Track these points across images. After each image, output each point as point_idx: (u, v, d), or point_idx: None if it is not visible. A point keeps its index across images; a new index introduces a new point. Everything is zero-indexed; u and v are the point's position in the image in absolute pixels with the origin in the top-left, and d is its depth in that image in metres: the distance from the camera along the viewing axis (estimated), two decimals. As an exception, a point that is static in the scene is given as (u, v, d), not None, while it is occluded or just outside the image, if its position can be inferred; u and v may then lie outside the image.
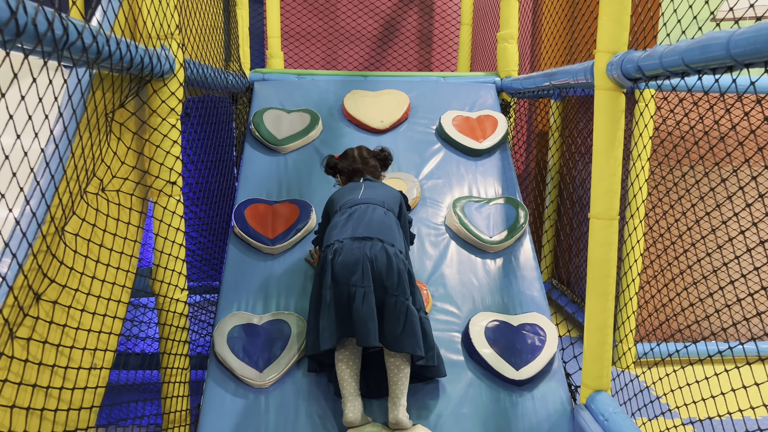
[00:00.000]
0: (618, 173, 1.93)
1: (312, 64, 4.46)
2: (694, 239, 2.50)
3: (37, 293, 1.26)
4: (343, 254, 1.91)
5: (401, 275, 1.92)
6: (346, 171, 2.32)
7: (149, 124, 1.84)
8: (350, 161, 2.31)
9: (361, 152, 2.34)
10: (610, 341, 2.02)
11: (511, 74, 3.26)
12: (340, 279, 1.90)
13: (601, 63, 1.88)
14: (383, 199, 2.12)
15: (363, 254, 1.91)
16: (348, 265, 1.90)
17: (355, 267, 1.89)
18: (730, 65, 1.30)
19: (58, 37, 1.09)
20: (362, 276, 1.89)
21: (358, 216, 2.03)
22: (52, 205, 1.30)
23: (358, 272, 1.89)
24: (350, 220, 2.02)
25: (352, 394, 1.93)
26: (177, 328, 1.99)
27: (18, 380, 1.18)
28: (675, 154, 2.86)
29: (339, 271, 1.90)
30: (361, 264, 1.90)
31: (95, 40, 1.25)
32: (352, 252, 1.91)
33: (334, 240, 1.98)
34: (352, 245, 1.93)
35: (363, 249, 1.92)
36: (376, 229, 1.98)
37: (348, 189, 2.20)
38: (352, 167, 2.30)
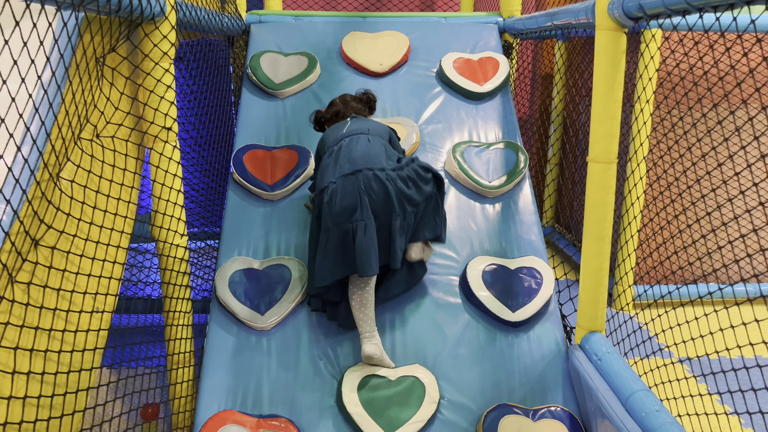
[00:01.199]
0: (617, 116, 1.91)
1: (311, 4, 4.35)
2: (692, 183, 2.49)
3: (35, 239, 1.28)
4: (339, 195, 1.94)
5: (398, 193, 1.97)
6: (331, 118, 2.33)
7: (142, 68, 1.82)
8: (333, 108, 2.34)
9: (343, 97, 2.36)
10: (605, 283, 2.04)
11: (514, 14, 3.18)
12: (340, 219, 1.94)
13: (603, 2, 1.83)
14: (368, 128, 2.15)
15: (356, 189, 1.94)
16: (344, 204, 1.93)
17: (352, 204, 1.93)
18: (732, 2, 1.26)
19: (39, -21, 1.07)
20: (361, 211, 1.93)
21: (343, 153, 2.04)
22: (45, 152, 1.30)
23: (357, 209, 1.93)
24: (337, 159, 2.04)
25: (370, 330, 2.00)
26: (178, 273, 2.02)
27: (20, 323, 1.21)
28: (677, 95, 2.81)
29: (337, 213, 1.94)
30: (358, 199, 1.93)
31: (79, -19, 1.22)
32: (345, 190, 1.94)
33: (327, 182, 1.99)
34: (344, 184, 1.95)
35: (356, 184, 1.95)
36: (361, 160, 2.00)
37: (334, 128, 2.23)
38: (334, 111, 2.32)
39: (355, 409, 1.91)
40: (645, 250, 3.02)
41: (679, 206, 2.31)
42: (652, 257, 2.86)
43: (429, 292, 2.25)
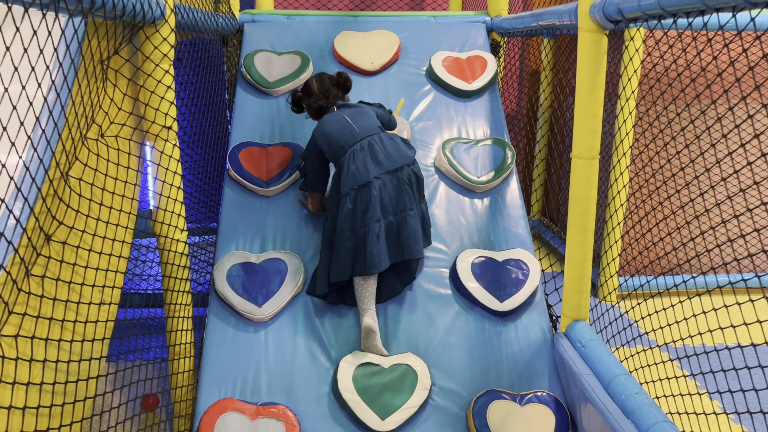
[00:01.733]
0: (599, 114, 2.00)
1: (302, 2, 4.41)
2: (676, 173, 2.59)
3: (48, 234, 1.35)
4: (362, 200, 2.10)
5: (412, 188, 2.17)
6: (313, 108, 2.39)
7: (143, 70, 1.88)
8: (314, 98, 2.37)
9: (322, 84, 2.37)
10: (588, 274, 2.14)
11: (501, 14, 3.26)
12: (359, 224, 2.10)
13: (585, 5, 1.91)
14: (374, 122, 2.26)
15: (375, 192, 2.10)
16: (366, 208, 2.10)
17: (372, 207, 2.09)
18: (702, 9, 1.35)
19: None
20: (379, 211, 2.10)
21: (363, 155, 2.15)
22: (57, 151, 1.37)
23: (374, 210, 2.09)
24: (355, 162, 2.14)
25: (370, 307, 2.14)
26: (179, 267, 2.09)
27: (36, 314, 1.28)
28: (659, 89, 2.91)
29: (359, 219, 2.10)
30: (375, 201, 2.10)
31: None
32: (367, 195, 2.10)
33: (348, 189, 2.12)
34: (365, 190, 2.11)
35: (373, 188, 2.10)
36: (387, 160, 2.15)
37: (334, 123, 2.25)
38: (317, 104, 2.36)
39: (350, 395, 2.00)
40: (627, 241, 3.12)
41: (657, 200, 2.42)
42: (632, 248, 2.96)
43: (420, 284, 2.34)
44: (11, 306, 1.20)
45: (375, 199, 2.09)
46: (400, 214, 2.13)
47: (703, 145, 2.84)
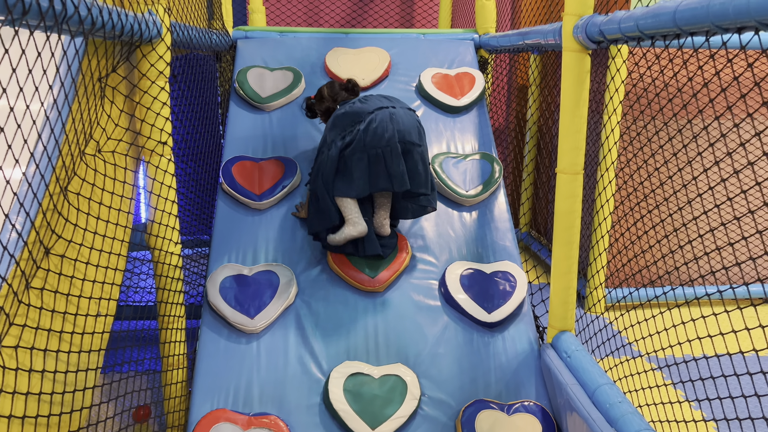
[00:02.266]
0: (583, 130, 2.06)
1: (294, 19, 4.48)
2: (660, 186, 2.66)
3: (47, 247, 1.39)
4: (374, 124, 2.22)
5: (420, 132, 2.32)
6: (323, 112, 2.55)
7: (139, 87, 1.93)
8: (325, 104, 2.54)
9: (332, 91, 2.54)
10: (574, 285, 2.19)
11: (489, 31, 3.34)
12: (373, 144, 2.20)
13: (569, 25, 1.98)
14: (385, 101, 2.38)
15: (388, 118, 2.23)
16: (378, 130, 2.21)
17: (384, 132, 2.20)
18: (677, 33, 1.42)
19: (58, 12, 1.18)
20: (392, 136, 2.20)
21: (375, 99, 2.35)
22: (57, 166, 1.41)
23: (388, 135, 2.20)
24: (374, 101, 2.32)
25: (357, 216, 2.29)
26: (172, 279, 2.13)
27: (35, 325, 1.31)
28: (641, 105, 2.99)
29: (370, 139, 2.20)
30: (390, 128, 2.21)
31: (90, 12, 1.34)
32: (379, 120, 2.22)
33: (373, 108, 2.26)
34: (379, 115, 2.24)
35: (387, 116, 2.24)
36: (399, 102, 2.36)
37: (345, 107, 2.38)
38: (325, 106, 2.53)
39: (340, 406, 2.03)
40: (612, 253, 3.19)
41: (639, 214, 2.49)
42: (617, 260, 3.03)
43: (410, 296, 2.39)
44: (12, 318, 1.23)
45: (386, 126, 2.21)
46: (408, 144, 2.24)
47: (681, 161, 2.93)
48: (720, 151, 3.00)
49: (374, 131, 2.20)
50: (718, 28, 1.25)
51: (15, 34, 1.07)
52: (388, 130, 2.20)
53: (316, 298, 2.36)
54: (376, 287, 2.35)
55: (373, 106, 2.28)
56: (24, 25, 1.11)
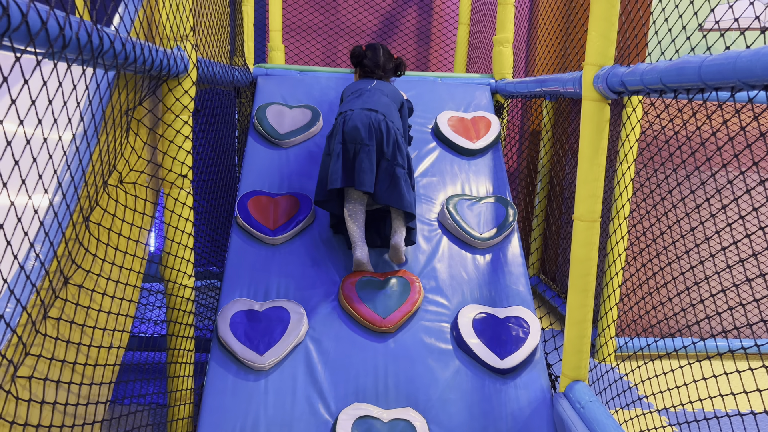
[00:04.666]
0: (601, 178, 2.07)
1: (312, 58, 4.56)
2: (674, 240, 2.64)
3: (66, 277, 1.39)
4: (353, 119, 2.37)
5: (396, 146, 2.39)
6: (366, 68, 2.69)
7: (164, 120, 1.96)
8: (372, 63, 2.68)
9: (385, 55, 2.71)
10: (588, 334, 2.17)
11: (506, 77, 3.39)
12: (349, 138, 2.35)
13: (589, 75, 2.01)
14: (388, 93, 2.57)
15: (369, 120, 2.37)
16: (357, 127, 2.35)
17: (362, 129, 2.34)
18: (701, 87, 1.43)
19: (95, 47, 1.21)
20: (368, 136, 2.35)
21: (366, 96, 2.49)
22: (81, 196, 1.42)
23: (364, 133, 2.34)
24: (360, 98, 2.48)
25: (360, 240, 2.42)
26: (184, 312, 2.11)
27: (50, 356, 1.30)
28: (659, 157, 3.00)
29: (349, 132, 2.35)
30: (367, 127, 2.35)
31: (124, 47, 1.37)
32: (361, 118, 2.37)
33: (346, 109, 2.43)
34: (361, 113, 2.39)
35: (369, 116, 2.38)
36: (380, 106, 2.44)
37: (360, 82, 2.64)
38: (371, 68, 2.68)
39: (349, 449, 1.99)
40: (626, 303, 3.16)
41: (657, 266, 2.47)
42: (633, 311, 2.99)
43: (421, 338, 2.36)
44: (29, 347, 1.22)
45: (341, 126, 2.38)
46: (385, 157, 2.36)
47: (703, 215, 2.92)
48: (746, 203, 3.00)
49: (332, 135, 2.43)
50: (744, 84, 1.26)
51: (54, 67, 1.09)
52: (338, 134, 2.39)
53: (326, 336, 2.34)
54: (387, 328, 2.33)
55: (345, 108, 2.47)
56: (62, 59, 1.13)
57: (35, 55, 1.03)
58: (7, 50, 0.96)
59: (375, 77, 2.65)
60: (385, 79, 2.68)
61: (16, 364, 1.18)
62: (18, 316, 1.17)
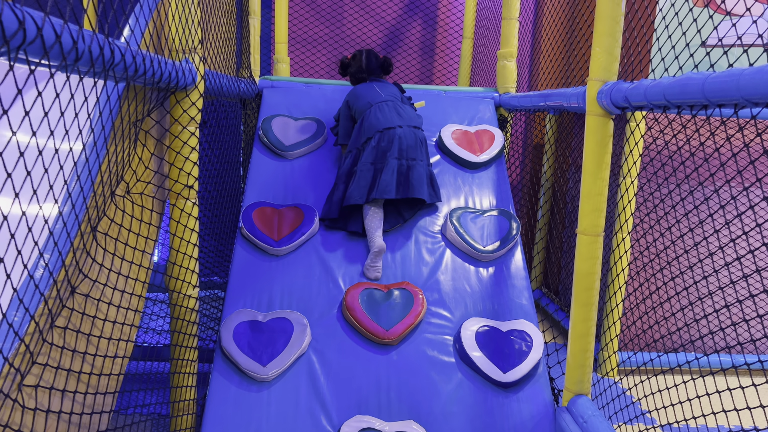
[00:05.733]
0: (604, 193, 2.08)
1: (317, 70, 4.59)
2: (677, 255, 2.65)
3: (74, 286, 1.40)
4: (406, 137, 2.65)
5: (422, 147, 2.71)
6: (354, 77, 2.96)
7: (171, 131, 1.97)
8: (358, 70, 2.95)
9: (369, 60, 2.94)
10: (591, 349, 2.16)
11: (509, 91, 3.41)
12: (403, 155, 2.63)
13: (593, 90, 2.02)
14: (397, 93, 2.85)
15: (415, 137, 2.67)
16: (410, 146, 2.65)
17: (414, 147, 2.65)
18: (705, 104, 1.44)
19: (106, 59, 1.23)
20: (419, 153, 2.66)
21: (387, 109, 2.71)
22: (89, 206, 1.43)
23: (393, 149, 2.61)
24: (382, 113, 2.70)
25: (379, 235, 2.62)
26: (188, 323, 2.12)
27: (56, 365, 1.30)
28: (662, 172, 3.01)
29: (381, 152, 2.63)
30: (396, 143, 2.62)
31: (134, 59, 1.38)
32: (410, 135, 2.66)
33: (374, 132, 2.67)
34: (409, 131, 2.67)
35: (415, 134, 2.69)
36: (416, 121, 2.75)
37: (365, 88, 2.85)
38: (359, 76, 2.95)
39: (351, 462, 1.98)
40: (629, 318, 3.15)
41: (660, 280, 2.47)
42: (636, 325, 2.99)
43: (424, 350, 2.36)
44: (35, 356, 1.23)
45: (395, 142, 2.62)
46: (411, 161, 2.64)
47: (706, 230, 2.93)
48: (749, 218, 3.01)
49: (381, 148, 2.64)
50: (747, 101, 1.27)
51: (67, 79, 1.11)
52: (392, 148, 2.61)
53: (329, 347, 2.34)
54: (390, 340, 2.33)
55: (383, 125, 2.66)
56: (74, 71, 1.14)
57: (49, 68, 1.05)
58: (21, 63, 0.98)
59: (370, 80, 2.91)
60: (379, 77, 2.94)
61: (23, 373, 1.19)
62: (26, 324, 1.18)
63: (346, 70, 3.01)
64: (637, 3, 2.93)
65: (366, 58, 2.94)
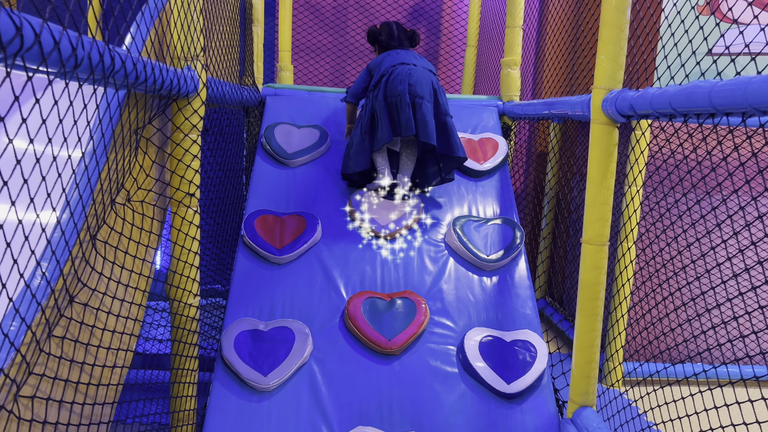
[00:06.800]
0: (609, 202, 2.05)
1: (320, 78, 4.59)
2: (683, 264, 2.62)
3: (72, 295, 1.38)
4: (416, 74, 2.64)
5: (445, 99, 2.71)
6: (383, 45, 2.96)
7: (173, 139, 1.96)
8: (387, 38, 2.96)
9: (399, 32, 2.96)
10: (596, 359, 2.13)
11: (513, 99, 3.39)
12: (412, 91, 2.59)
13: (598, 99, 2.01)
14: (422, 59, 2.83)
15: (406, 71, 2.64)
16: (420, 82, 2.62)
17: (424, 85, 2.62)
18: (712, 113, 1.42)
19: (106, 67, 1.21)
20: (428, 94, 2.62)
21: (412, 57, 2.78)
22: (89, 214, 1.41)
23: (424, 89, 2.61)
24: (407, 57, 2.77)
25: (386, 170, 2.74)
26: (189, 332, 2.10)
27: (53, 375, 1.29)
28: (669, 181, 2.98)
29: (413, 85, 2.60)
30: (427, 83, 2.63)
31: (135, 67, 1.37)
32: (421, 74, 2.65)
33: (408, 61, 2.71)
34: (420, 70, 2.68)
35: (427, 75, 2.67)
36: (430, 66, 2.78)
37: (392, 55, 2.83)
38: (388, 44, 2.95)
39: (352, 474, 1.96)
40: (635, 328, 3.12)
41: (671, 287, 2.44)
42: (642, 336, 2.96)
43: (427, 360, 2.33)
44: (32, 366, 1.21)
45: (405, 76, 2.61)
46: (419, 98, 2.59)
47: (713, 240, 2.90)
48: (756, 228, 2.98)
49: (392, 83, 2.61)
50: (756, 110, 1.25)
51: (65, 86, 1.09)
52: (402, 83, 2.59)
53: (331, 357, 2.31)
54: (392, 349, 2.31)
55: (396, 61, 2.71)
56: (74, 78, 1.13)
57: (47, 75, 1.04)
58: (19, 69, 0.96)
59: (398, 48, 2.90)
60: (405, 47, 2.94)
61: (20, 384, 1.17)
62: (23, 334, 1.16)
63: (375, 38, 3.01)
64: (643, 10, 2.92)
65: (396, 28, 2.98)
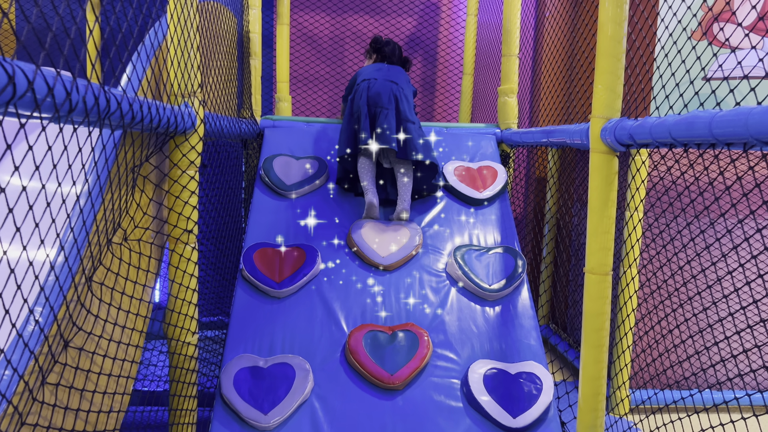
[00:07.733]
0: (611, 231, 2.03)
1: (319, 108, 4.61)
2: (688, 293, 2.59)
3: (66, 340, 1.35)
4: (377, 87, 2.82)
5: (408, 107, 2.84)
6: (384, 55, 3.15)
7: (170, 176, 1.95)
8: (387, 55, 3.15)
9: (399, 54, 3.18)
10: (603, 391, 2.09)
11: (511, 126, 3.40)
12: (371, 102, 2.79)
13: (596, 128, 2.00)
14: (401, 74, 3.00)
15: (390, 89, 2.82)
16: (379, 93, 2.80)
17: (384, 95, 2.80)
18: (713, 143, 1.41)
19: (102, 109, 1.20)
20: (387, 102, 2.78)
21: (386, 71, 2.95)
22: (84, 256, 1.39)
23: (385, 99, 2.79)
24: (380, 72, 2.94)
25: (371, 189, 2.81)
26: (187, 371, 2.06)
27: (46, 424, 1.25)
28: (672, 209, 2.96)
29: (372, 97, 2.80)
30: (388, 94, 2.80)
31: (131, 107, 1.36)
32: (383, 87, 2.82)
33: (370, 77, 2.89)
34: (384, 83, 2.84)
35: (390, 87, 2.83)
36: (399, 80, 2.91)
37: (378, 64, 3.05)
38: (388, 56, 3.14)
39: None
40: (642, 358, 3.07)
41: (677, 316, 2.40)
42: (650, 366, 2.91)
43: (430, 395, 2.29)
44: (24, 416, 1.18)
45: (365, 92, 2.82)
46: (379, 108, 2.77)
47: (705, 263, 2.87)
48: (745, 251, 2.95)
49: (356, 100, 2.82)
50: (757, 141, 1.24)
51: (60, 131, 1.08)
52: (362, 98, 2.80)
53: (332, 393, 2.27)
54: (395, 384, 2.26)
55: (365, 76, 2.91)
56: (68, 122, 1.12)
57: (40, 120, 1.02)
58: (11, 116, 0.95)
59: (389, 63, 3.11)
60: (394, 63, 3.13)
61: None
62: (15, 384, 1.13)
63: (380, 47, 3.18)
64: (639, 40, 2.93)
65: (393, 46, 3.18)
